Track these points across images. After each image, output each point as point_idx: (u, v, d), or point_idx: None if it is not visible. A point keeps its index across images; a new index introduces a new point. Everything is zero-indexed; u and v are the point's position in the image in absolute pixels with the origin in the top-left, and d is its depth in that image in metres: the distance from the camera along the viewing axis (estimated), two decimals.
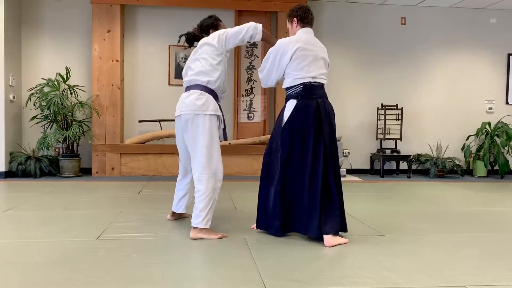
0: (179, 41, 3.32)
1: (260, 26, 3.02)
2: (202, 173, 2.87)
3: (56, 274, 2.15)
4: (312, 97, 2.89)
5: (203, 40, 3.08)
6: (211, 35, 3.07)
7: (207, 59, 2.98)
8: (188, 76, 3.06)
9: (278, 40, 3.00)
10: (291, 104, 2.93)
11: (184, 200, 3.31)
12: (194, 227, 2.86)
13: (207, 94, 2.95)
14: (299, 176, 2.85)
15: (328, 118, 2.90)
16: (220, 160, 2.95)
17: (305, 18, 3.02)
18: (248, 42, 3.05)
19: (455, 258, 2.54)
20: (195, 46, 3.16)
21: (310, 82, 2.90)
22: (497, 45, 7.10)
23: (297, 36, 2.99)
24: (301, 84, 2.90)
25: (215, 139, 2.94)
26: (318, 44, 3.02)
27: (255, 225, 3.10)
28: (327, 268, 2.33)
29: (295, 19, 3.04)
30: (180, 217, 3.42)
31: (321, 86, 2.96)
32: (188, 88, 3.04)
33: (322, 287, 2.05)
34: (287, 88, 2.98)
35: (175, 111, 3.08)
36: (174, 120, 3.17)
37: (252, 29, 2.98)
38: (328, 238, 2.72)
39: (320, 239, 2.76)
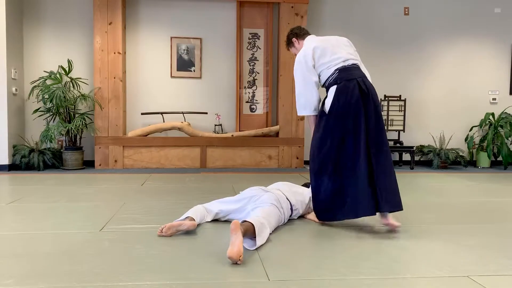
0: None
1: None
2: None
3: (61, 266, 2.16)
4: (350, 78, 2.88)
5: None
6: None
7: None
8: None
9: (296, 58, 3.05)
10: (332, 90, 2.90)
11: None
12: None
13: None
14: (354, 159, 2.79)
15: (370, 96, 2.88)
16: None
17: (300, 31, 3.18)
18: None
19: (458, 248, 2.54)
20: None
21: (344, 66, 2.92)
22: (502, 35, 7.05)
23: (306, 43, 3.06)
24: (336, 70, 2.91)
25: None
26: (332, 37, 3.08)
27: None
28: (330, 258, 2.33)
29: (294, 39, 3.19)
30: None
31: (355, 67, 2.96)
32: None
33: (323, 277, 2.05)
34: (325, 81, 2.98)
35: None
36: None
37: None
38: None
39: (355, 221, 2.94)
